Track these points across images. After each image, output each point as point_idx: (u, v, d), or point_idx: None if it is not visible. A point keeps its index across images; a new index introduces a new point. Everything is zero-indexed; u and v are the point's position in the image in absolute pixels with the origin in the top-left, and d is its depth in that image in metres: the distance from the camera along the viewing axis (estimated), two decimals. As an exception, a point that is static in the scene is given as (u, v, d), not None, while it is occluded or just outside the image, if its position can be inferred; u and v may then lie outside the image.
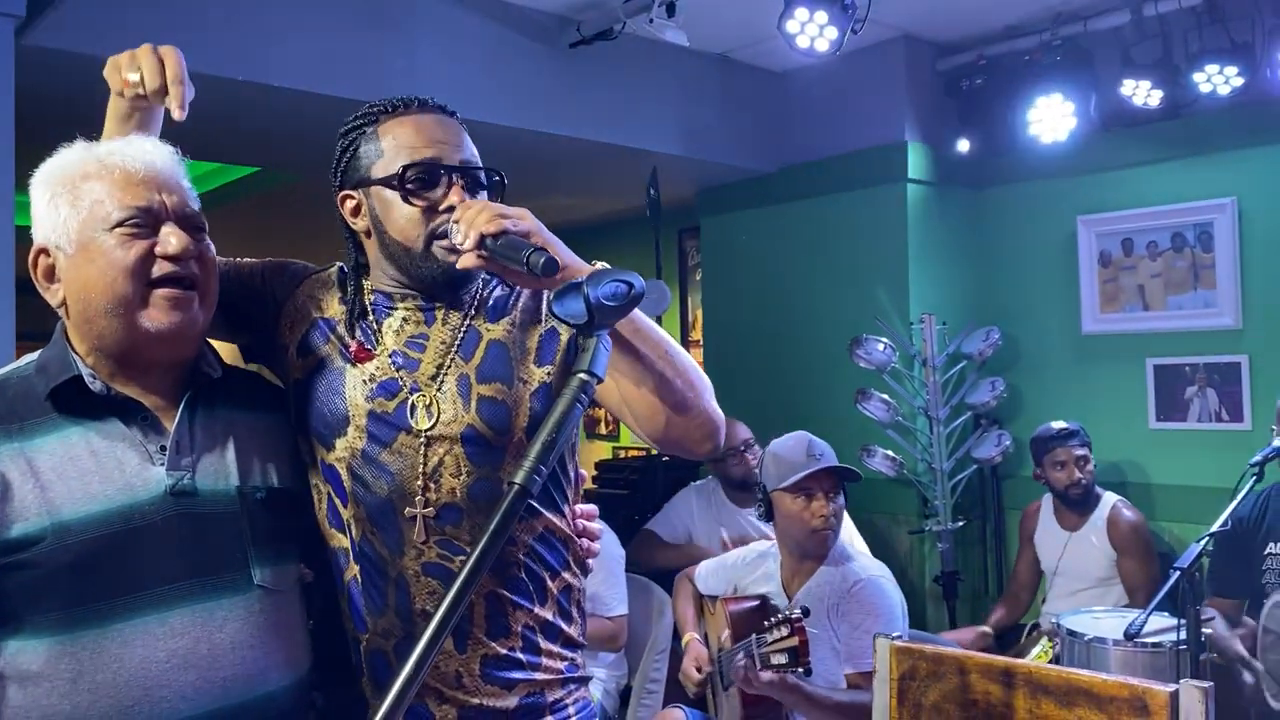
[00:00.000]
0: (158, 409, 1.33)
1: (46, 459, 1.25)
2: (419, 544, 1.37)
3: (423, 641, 0.94)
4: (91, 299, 1.28)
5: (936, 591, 4.25)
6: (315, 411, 1.41)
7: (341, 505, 1.41)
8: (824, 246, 4.57)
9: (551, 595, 1.45)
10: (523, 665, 1.41)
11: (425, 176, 1.38)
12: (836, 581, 2.68)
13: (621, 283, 1.09)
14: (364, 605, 1.40)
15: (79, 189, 1.29)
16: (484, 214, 1.26)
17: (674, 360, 1.35)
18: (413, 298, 1.44)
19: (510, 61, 3.77)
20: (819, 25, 3.31)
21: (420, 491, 1.37)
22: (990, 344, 4.23)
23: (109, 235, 1.27)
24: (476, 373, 1.41)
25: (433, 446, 1.38)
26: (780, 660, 2.41)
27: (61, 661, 1.22)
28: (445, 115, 1.45)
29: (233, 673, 1.27)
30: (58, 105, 2.86)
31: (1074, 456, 3.71)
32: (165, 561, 1.26)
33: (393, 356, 1.42)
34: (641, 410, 1.36)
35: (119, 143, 1.34)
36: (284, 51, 3.22)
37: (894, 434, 4.18)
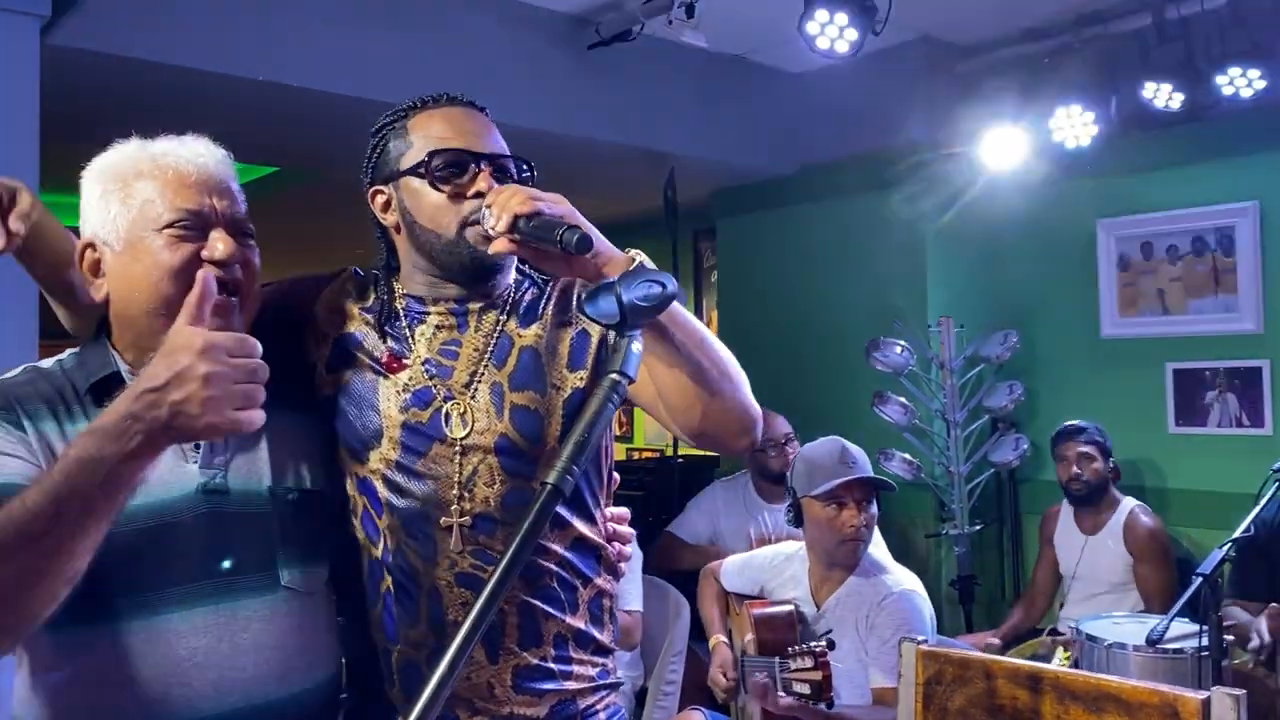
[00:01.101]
0: None
1: None
2: (453, 554, 1.36)
3: (454, 646, 0.93)
4: (134, 298, 1.29)
5: (953, 596, 4.23)
6: (347, 426, 1.40)
7: (376, 515, 1.40)
8: (841, 249, 4.55)
9: (583, 603, 1.44)
10: (554, 675, 1.40)
11: (453, 163, 1.38)
12: (867, 593, 2.63)
13: (655, 283, 1.09)
14: (397, 616, 1.39)
15: (131, 186, 1.29)
16: (517, 196, 1.25)
17: (709, 350, 1.34)
18: (445, 300, 1.44)
19: (529, 63, 3.77)
20: (839, 27, 3.30)
21: (455, 501, 1.37)
22: (1008, 347, 4.20)
23: (158, 236, 1.27)
24: (509, 381, 1.40)
25: (467, 456, 1.38)
26: (802, 690, 2.37)
27: (84, 656, 1.23)
28: (474, 109, 1.46)
29: (254, 673, 1.27)
30: (83, 104, 2.88)
31: (1077, 453, 3.70)
32: (193, 559, 1.26)
33: (426, 365, 1.41)
34: (676, 401, 1.34)
35: (174, 143, 1.34)
36: (304, 52, 3.23)
37: (911, 437, 4.16)
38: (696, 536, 3.96)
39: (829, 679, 2.33)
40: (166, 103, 3.20)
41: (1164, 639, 2.58)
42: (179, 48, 3.00)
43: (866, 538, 2.68)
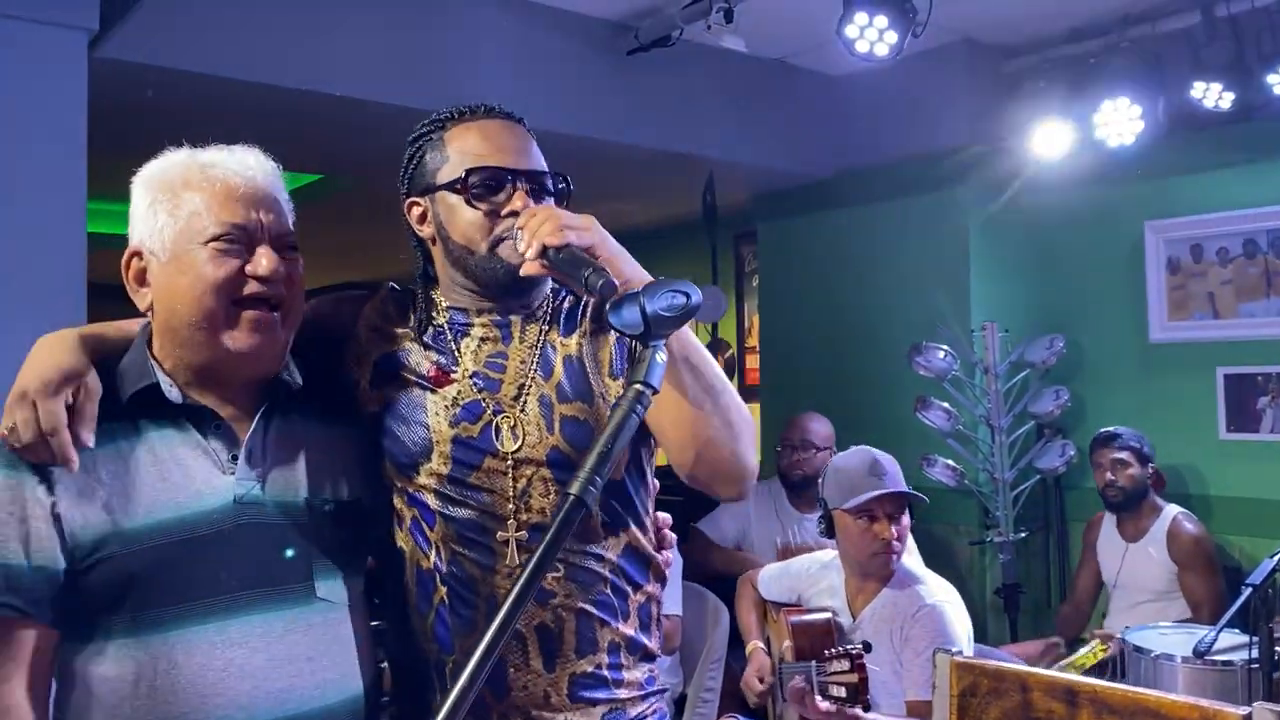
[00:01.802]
0: (233, 418, 1.33)
1: (120, 464, 1.27)
2: (511, 566, 1.36)
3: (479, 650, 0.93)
4: (178, 309, 1.29)
5: (997, 604, 4.18)
6: (394, 442, 1.40)
7: (428, 528, 1.40)
8: (883, 252, 4.51)
9: (634, 609, 1.44)
10: (607, 683, 1.41)
11: (490, 181, 1.38)
12: (902, 605, 2.60)
13: (679, 293, 1.08)
14: (453, 626, 1.38)
15: (179, 197, 1.29)
16: (548, 223, 1.24)
17: (719, 397, 1.33)
18: (488, 311, 1.44)
19: (568, 69, 3.79)
20: (879, 30, 3.27)
21: (511, 515, 1.37)
22: (1054, 352, 4.14)
23: (203, 249, 1.28)
24: (557, 392, 1.40)
25: (520, 469, 1.38)
26: (839, 694, 2.35)
27: (125, 663, 1.24)
28: (512, 122, 1.45)
29: (289, 684, 1.28)
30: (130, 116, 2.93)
31: (1111, 459, 3.66)
32: (228, 571, 1.27)
33: (474, 378, 1.41)
34: (673, 440, 1.35)
35: (223, 153, 1.34)
36: (346, 61, 3.27)
37: (955, 443, 4.11)
38: (724, 538, 3.95)
39: (865, 681, 2.31)
40: (212, 113, 3.25)
41: (1212, 650, 2.53)
42: (224, 59, 3.05)
43: (899, 549, 2.65)
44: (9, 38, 2.48)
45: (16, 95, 2.50)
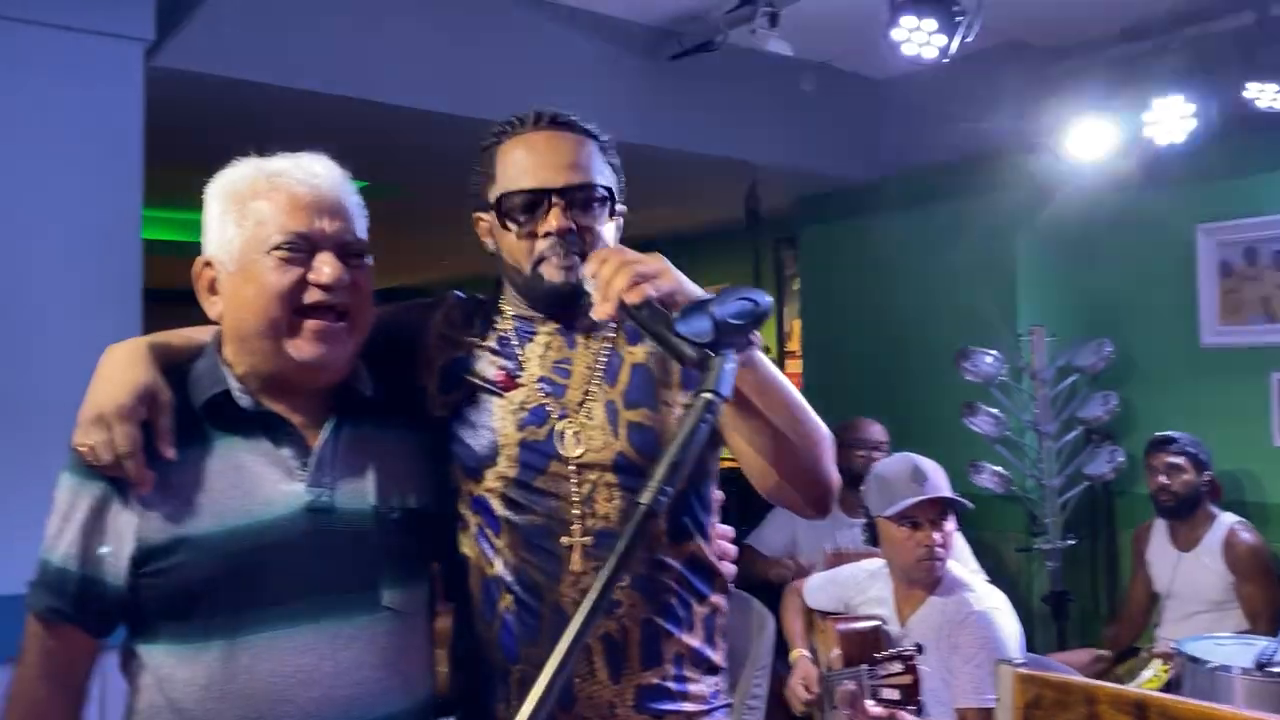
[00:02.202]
0: (304, 426, 1.34)
1: (192, 471, 1.28)
2: (576, 571, 1.36)
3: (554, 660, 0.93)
4: (245, 318, 1.30)
5: (1045, 612, 4.13)
6: (463, 445, 1.41)
7: (493, 534, 1.40)
8: (928, 256, 4.48)
9: (699, 620, 1.43)
10: (673, 695, 1.40)
11: (523, 205, 1.39)
12: (950, 612, 2.58)
13: (748, 300, 1.08)
14: (518, 634, 1.38)
15: (246, 207, 1.30)
16: (621, 276, 1.17)
17: (795, 421, 1.32)
18: (552, 321, 1.44)
19: (611, 75, 3.80)
20: (926, 33, 3.25)
21: (577, 520, 1.37)
22: (1102, 357, 4.09)
23: (267, 258, 1.28)
24: (623, 399, 1.40)
25: (585, 474, 1.38)
26: (891, 696, 2.34)
27: (196, 668, 1.25)
28: (560, 131, 1.44)
29: (354, 692, 1.28)
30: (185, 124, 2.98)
31: (1166, 463, 3.60)
32: (297, 578, 1.28)
33: (540, 383, 1.41)
34: (752, 465, 1.34)
35: (289, 162, 1.34)
36: (394, 68, 3.30)
37: (1002, 449, 4.07)
38: (773, 548, 3.93)
39: (918, 682, 2.29)
40: (266, 121, 3.29)
41: (1273, 661, 2.48)
42: (275, 67, 3.09)
43: (943, 556, 2.62)
44: (67, 49, 2.52)
45: (75, 105, 2.54)
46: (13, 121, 2.46)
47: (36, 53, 2.49)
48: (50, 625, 1.28)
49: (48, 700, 1.28)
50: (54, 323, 2.47)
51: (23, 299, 2.46)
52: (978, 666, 2.46)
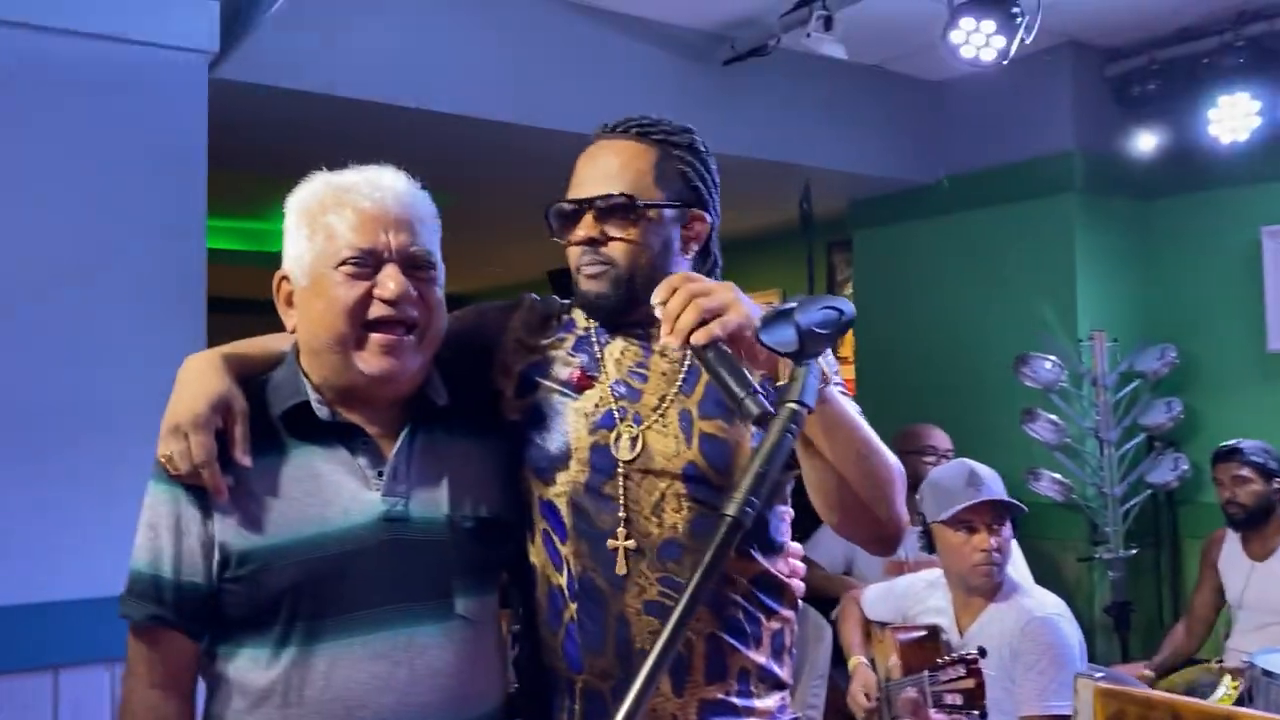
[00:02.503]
0: (379, 435, 1.35)
1: (271, 480, 1.29)
2: (641, 581, 1.35)
3: (640, 677, 0.91)
4: (315, 333, 1.31)
5: (1107, 623, 4.05)
6: (535, 448, 1.40)
7: (560, 541, 1.39)
8: (985, 260, 4.42)
9: (766, 637, 1.41)
10: (737, 710, 1.38)
11: (562, 216, 1.42)
12: (1009, 620, 2.55)
13: (832, 309, 1.06)
14: (581, 644, 1.37)
15: (316, 222, 1.32)
16: (689, 313, 1.14)
17: (868, 462, 1.27)
18: (625, 326, 1.44)
19: (663, 80, 3.79)
20: (985, 35, 3.21)
21: (650, 526, 1.36)
22: (1165, 362, 4.01)
23: (335, 273, 1.29)
24: (698, 408, 1.38)
25: (654, 481, 1.36)
26: (954, 701, 2.30)
27: (274, 674, 1.27)
28: (618, 138, 1.44)
29: (429, 699, 1.29)
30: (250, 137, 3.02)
31: (1231, 475, 3.51)
32: (373, 585, 1.29)
33: (614, 386, 1.41)
34: (819, 501, 1.31)
35: (359, 176, 1.35)
36: (453, 78, 3.33)
37: (1062, 456, 4.00)
38: (832, 560, 3.89)
39: (982, 686, 2.26)
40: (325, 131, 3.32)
41: (1354, 677, 2.41)
42: (337, 78, 3.12)
43: (1000, 561, 2.59)
44: (133, 63, 2.56)
45: (141, 117, 2.57)
46: (80, 134, 2.50)
47: (104, 66, 2.53)
48: (153, 633, 1.30)
49: (162, 707, 1.29)
50: (121, 333, 2.51)
51: (90, 309, 2.49)
52: (1040, 673, 2.43)
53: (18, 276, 2.42)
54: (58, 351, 2.44)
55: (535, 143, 3.55)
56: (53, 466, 2.41)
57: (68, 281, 2.47)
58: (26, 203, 2.44)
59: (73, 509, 2.41)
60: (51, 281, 2.46)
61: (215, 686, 1.33)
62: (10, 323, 2.40)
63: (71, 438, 2.43)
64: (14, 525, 2.37)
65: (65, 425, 2.43)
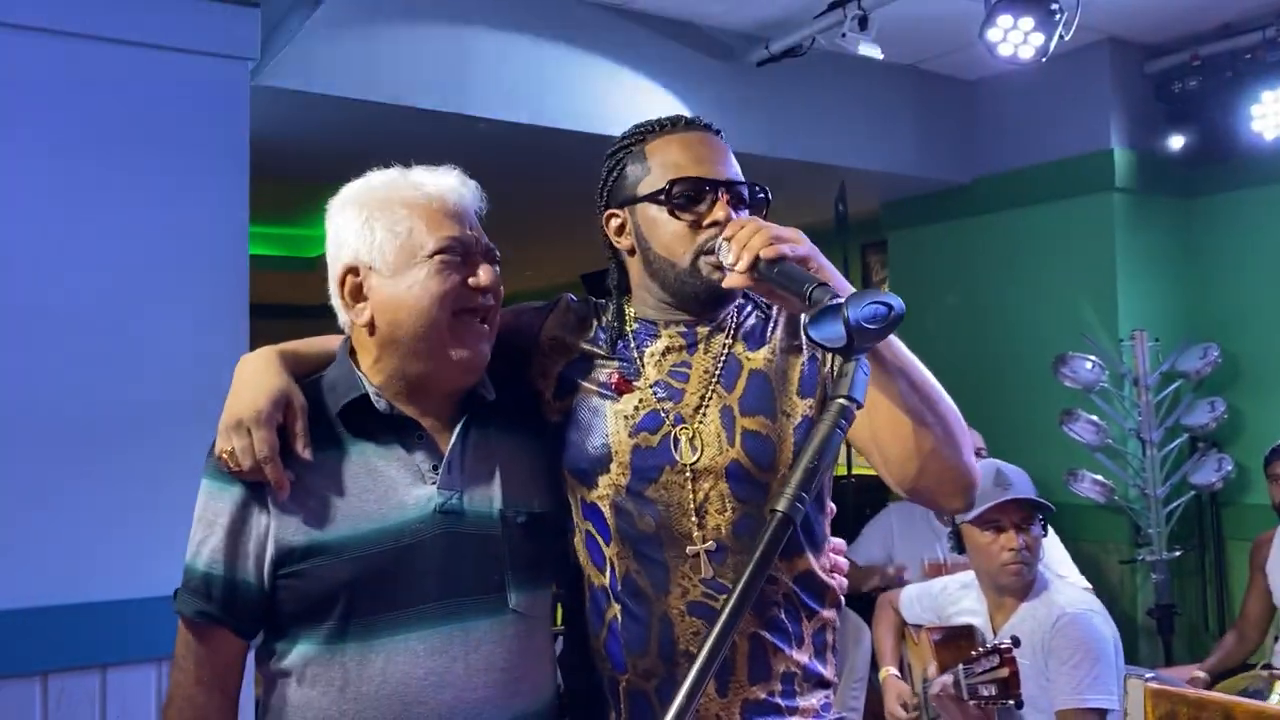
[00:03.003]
0: (434, 429, 1.36)
1: (328, 476, 1.30)
2: (685, 582, 1.34)
3: (690, 677, 0.91)
4: (404, 321, 1.32)
5: (1150, 625, 3.99)
6: (576, 451, 1.40)
7: (604, 543, 1.39)
8: (1023, 260, 4.38)
9: (809, 636, 1.40)
10: (780, 710, 1.37)
11: (691, 192, 1.37)
12: (1040, 616, 2.53)
13: (881, 304, 1.05)
14: (625, 644, 1.36)
15: (397, 213, 1.33)
16: (759, 235, 1.21)
17: (937, 406, 1.29)
18: (675, 323, 1.43)
19: (698, 81, 3.79)
20: (1024, 32, 3.18)
21: (691, 528, 1.35)
22: (1208, 362, 3.96)
23: (427, 262, 1.31)
24: (739, 405, 1.38)
25: (698, 481, 1.36)
26: (989, 692, 2.29)
27: (332, 669, 1.28)
28: (711, 134, 1.45)
29: (485, 694, 1.29)
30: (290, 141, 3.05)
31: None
32: (429, 580, 1.29)
33: (655, 387, 1.40)
34: (893, 454, 1.30)
35: (431, 174, 1.37)
36: (489, 83, 3.35)
37: (1103, 457, 3.96)
38: (871, 561, 3.87)
39: (1016, 675, 2.24)
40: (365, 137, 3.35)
41: None
42: (376, 84, 3.15)
43: (1030, 560, 2.57)
44: (176, 70, 2.60)
45: (183, 125, 2.61)
46: (126, 140, 2.54)
47: (148, 74, 2.57)
48: (201, 629, 1.31)
49: (205, 704, 1.31)
50: (167, 338, 2.54)
51: (136, 315, 2.53)
52: (1075, 667, 2.41)
53: (65, 284, 2.47)
54: (105, 357, 2.48)
55: (571, 146, 3.56)
56: (101, 469, 2.45)
57: (113, 287, 2.52)
58: (72, 211, 2.48)
59: (121, 511, 2.45)
60: (97, 288, 2.50)
61: (271, 682, 1.33)
62: (58, 329, 2.45)
63: (119, 442, 2.47)
64: (63, 527, 2.41)
65: (113, 429, 2.47)
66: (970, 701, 2.33)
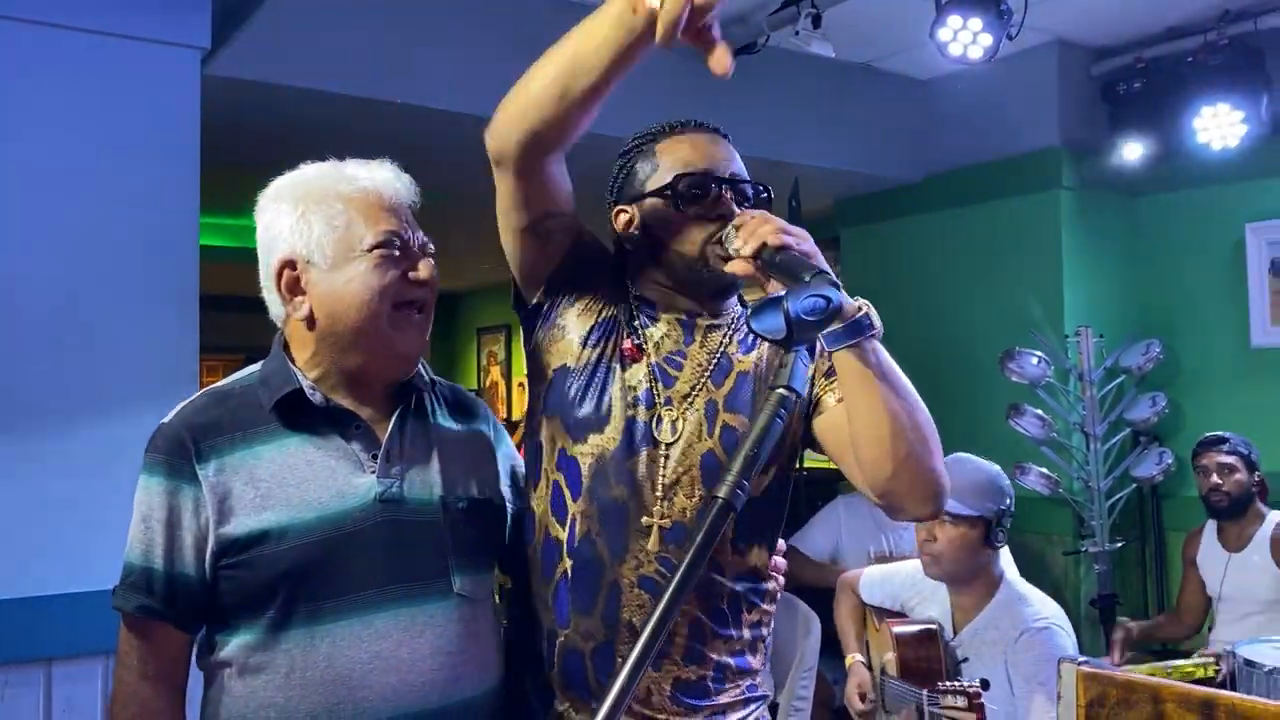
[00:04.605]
0: (372, 420, 1.38)
1: (267, 467, 1.32)
2: (641, 555, 1.39)
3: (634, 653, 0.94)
4: (342, 314, 1.34)
5: (1093, 615, 4.08)
6: (575, 403, 1.43)
7: (571, 498, 1.42)
8: (972, 257, 4.45)
9: (747, 627, 1.45)
10: (709, 693, 1.42)
11: (697, 187, 1.43)
12: (1005, 626, 2.56)
13: (820, 297, 1.09)
14: (570, 602, 1.40)
15: (333, 207, 1.34)
16: (768, 225, 1.28)
17: (914, 412, 1.34)
18: (676, 310, 1.48)
19: (652, 76, 3.78)
20: (972, 32, 3.24)
21: (656, 504, 1.39)
22: (1151, 358, 4.05)
23: (369, 255, 1.33)
24: (725, 401, 1.43)
25: (673, 464, 1.40)
26: None
27: (276, 657, 1.29)
28: (719, 136, 1.52)
29: (431, 678, 1.31)
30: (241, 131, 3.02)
31: (1218, 463, 3.55)
32: (372, 567, 1.31)
33: (652, 368, 1.45)
34: (868, 454, 1.34)
35: (365, 168, 1.40)
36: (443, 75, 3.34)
37: (1049, 451, 4.04)
38: (818, 553, 3.91)
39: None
40: (317, 127, 3.33)
41: (1334, 665, 2.45)
42: (329, 74, 3.13)
43: (935, 553, 2.61)
44: (125, 58, 2.57)
45: (132, 113, 2.59)
46: (74, 128, 2.52)
47: (97, 61, 2.54)
48: (143, 625, 1.32)
49: (152, 700, 1.32)
50: (115, 328, 2.52)
51: (83, 305, 2.51)
52: (1037, 685, 2.44)
53: (12, 271, 2.43)
54: (52, 345, 2.46)
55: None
56: (47, 460, 2.43)
57: (62, 276, 2.49)
58: (20, 197, 2.45)
59: (66, 502, 2.43)
60: (46, 276, 2.47)
61: (214, 673, 1.34)
62: (4, 317, 2.41)
63: (66, 433, 2.45)
64: (5, 519, 2.38)
65: (58, 419, 2.45)
66: None
